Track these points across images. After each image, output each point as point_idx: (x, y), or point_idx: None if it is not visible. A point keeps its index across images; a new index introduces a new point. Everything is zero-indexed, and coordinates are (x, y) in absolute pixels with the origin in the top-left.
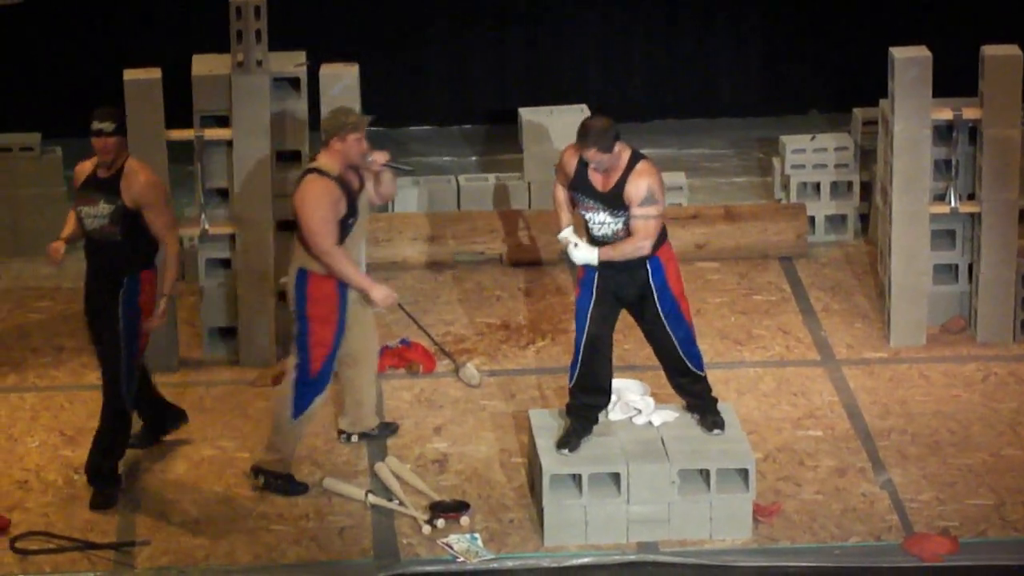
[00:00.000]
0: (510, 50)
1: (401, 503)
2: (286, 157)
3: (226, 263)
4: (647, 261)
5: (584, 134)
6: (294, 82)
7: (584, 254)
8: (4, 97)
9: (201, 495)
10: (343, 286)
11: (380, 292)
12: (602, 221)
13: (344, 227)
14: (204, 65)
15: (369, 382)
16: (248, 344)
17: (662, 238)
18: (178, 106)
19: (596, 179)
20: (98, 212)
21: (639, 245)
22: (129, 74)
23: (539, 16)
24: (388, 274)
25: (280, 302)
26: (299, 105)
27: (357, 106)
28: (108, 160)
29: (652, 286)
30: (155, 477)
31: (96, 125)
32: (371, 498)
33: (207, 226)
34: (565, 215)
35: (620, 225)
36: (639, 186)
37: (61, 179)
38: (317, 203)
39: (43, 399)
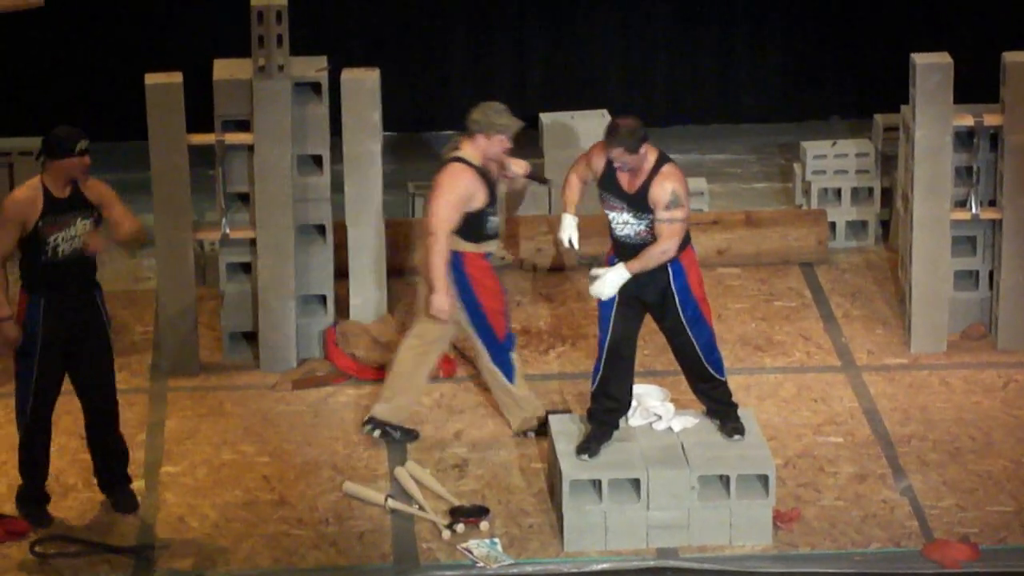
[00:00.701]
0: (531, 55)
1: (421, 508)
2: (307, 162)
3: (247, 267)
4: (669, 264)
5: (612, 133)
6: (315, 87)
7: (613, 278)
8: (26, 101)
9: (221, 499)
10: (490, 258)
11: (440, 300)
12: (625, 221)
13: (483, 216)
14: (225, 69)
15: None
16: (269, 348)
17: (685, 242)
18: (199, 111)
19: (623, 179)
20: (75, 232)
21: (664, 248)
22: (150, 78)
23: (560, 21)
24: (409, 279)
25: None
26: (320, 110)
27: (378, 112)
28: (84, 179)
29: (673, 289)
30: (175, 481)
31: (84, 144)
32: (391, 503)
33: (228, 230)
34: (572, 198)
35: (643, 226)
36: (664, 188)
37: None
38: (449, 189)
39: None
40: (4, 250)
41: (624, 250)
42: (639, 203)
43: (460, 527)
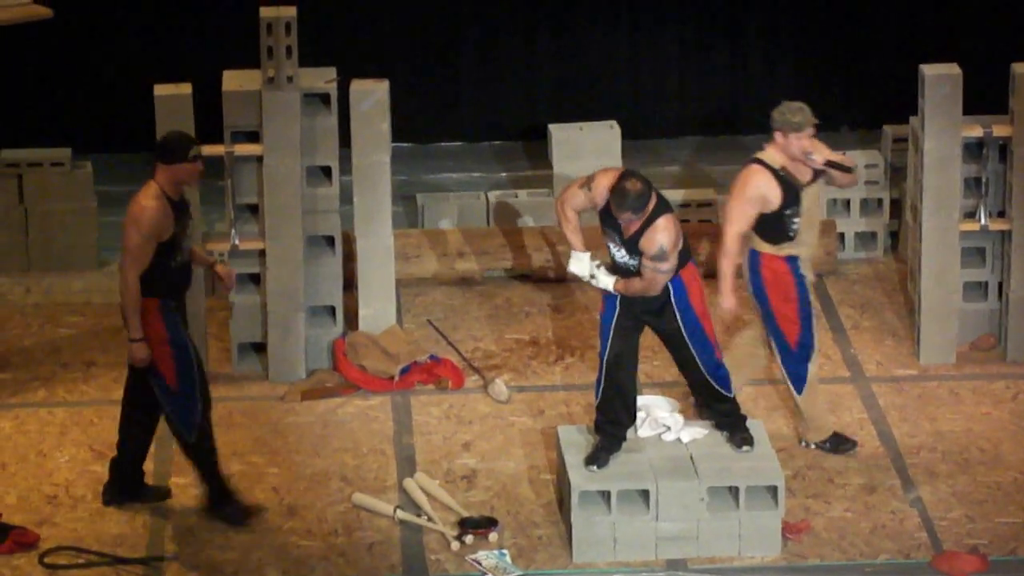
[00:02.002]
0: (540, 66)
1: (430, 519)
2: (316, 173)
3: (256, 278)
4: (669, 281)
5: (622, 200)
6: (324, 98)
7: (604, 281)
8: (35, 112)
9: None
10: (793, 262)
11: (725, 301)
12: (622, 256)
13: (781, 218)
14: (235, 81)
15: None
16: (278, 359)
17: (685, 258)
18: (209, 122)
19: (621, 222)
20: (189, 232)
21: (644, 288)
22: (160, 89)
23: (569, 32)
24: (417, 289)
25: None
26: (329, 121)
27: (387, 123)
28: (195, 184)
29: (673, 304)
30: (184, 492)
31: (197, 151)
32: (400, 514)
33: (237, 241)
34: (578, 236)
35: (636, 262)
36: (653, 242)
37: (92, 194)
38: (743, 189)
39: (73, 414)
40: (144, 264)
41: (619, 272)
42: (632, 246)
43: (469, 538)
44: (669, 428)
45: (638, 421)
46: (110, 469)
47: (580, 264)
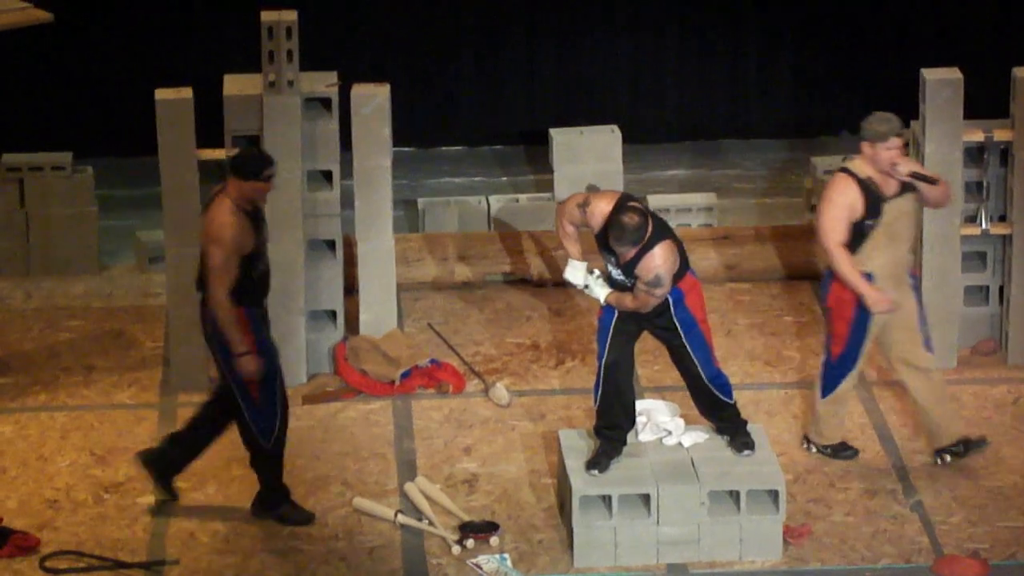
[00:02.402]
0: (541, 71)
1: (431, 523)
2: (317, 177)
3: None
4: (668, 293)
5: (620, 235)
6: (326, 102)
7: (597, 292)
8: (36, 116)
9: (231, 514)
10: (870, 275)
11: (872, 296)
12: (618, 274)
13: (861, 228)
14: (235, 85)
15: (927, 391)
16: None
17: (683, 269)
18: (209, 126)
19: (619, 252)
20: (266, 240)
21: (637, 307)
22: (160, 94)
23: (570, 36)
24: (418, 294)
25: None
26: (330, 125)
27: (388, 127)
28: (263, 203)
29: (672, 312)
30: (185, 496)
31: (271, 171)
32: (400, 518)
33: None
34: (576, 246)
35: (633, 282)
36: (649, 269)
37: (92, 198)
38: (831, 198)
39: (73, 418)
40: (232, 281)
41: (615, 285)
42: (628, 269)
43: (470, 542)
44: (670, 432)
45: (639, 425)
46: (164, 441)
47: (575, 273)
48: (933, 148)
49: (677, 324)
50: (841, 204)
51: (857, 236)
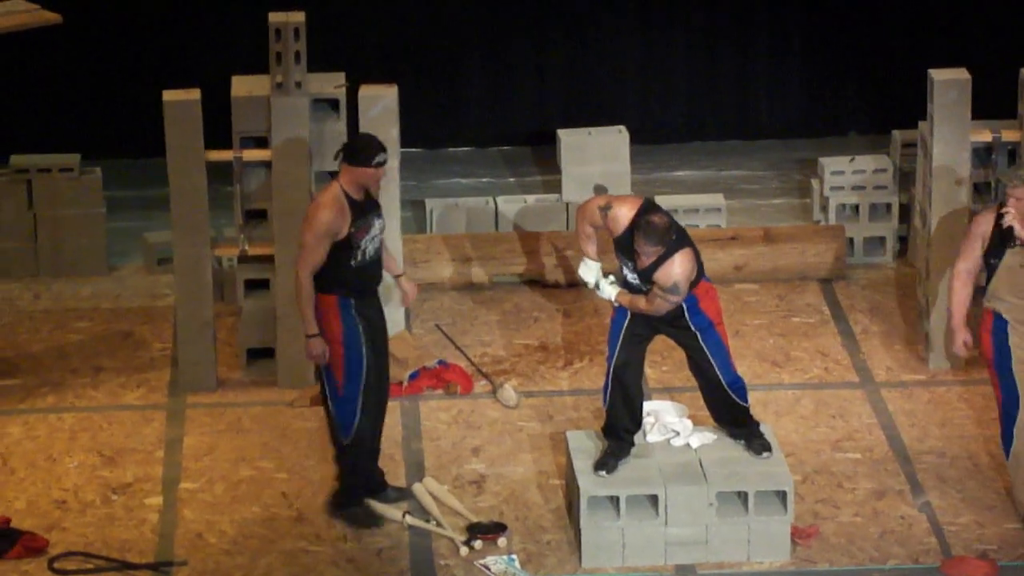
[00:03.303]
0: (549, 72)
1: (439, 524)
2: (325, 178)
3: (265, 284)
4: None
5: (650, 234)
6: (333, 103)
7: (608, 292)
8: (44, 118)
9: (239, 515)
10: (998, 320)
11: (957, 340)
12: (634, 279)
13: (986, 262)
14: (243, 86)
15: None
16: (286, 365)
17: (698, 277)
18: (217, 127)
19: (644, 254)
20: (374, 233)
21: (649, 311)
22: (168, 95)
23: (578, 38)
24: (426, 295)
25: None
26: (338, 126)
27: (396, 128)
28: (376, 190)
29: (687, 316)
30: (193, 497)
31: (382, 158)
32: (408, 519)
33: (246, 247)
34: (592, 247)
35: (648, 289)
36: (668, 276)
37: (101, 199)
38: (971, 226)
39: (81, 419)
40: (318, 262)
41: (629, 289)
42: (645, 275)
43: (478, 543)
44: (678, 433)
45: (647, 426)
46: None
47: (589, 272)
48: (941, 148)
49: (692, 325)
50: (976, 232)
51: (985, 271)
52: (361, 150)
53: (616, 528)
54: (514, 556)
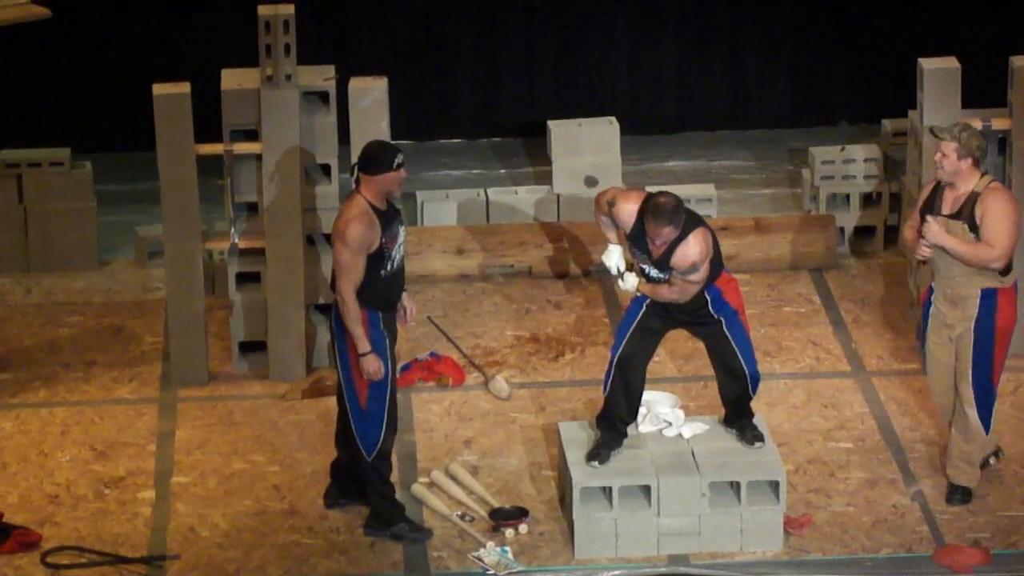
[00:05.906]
0: (539, 63)
1: (463, 516)
2: (315, 171)
3: (256, 277)
4: (705, 291)
5: (660, 214)
6: (323, 96)
7: (629, 281)
8: (34, 112)
9: (231, 509)
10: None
11: None
12: (653, 271)
13: None
14: (233, 79)
15: None
16: (278, 358)
17: (716, 271)
18: (207, 120)
19: (650, 241)
20: (401, 241)
21: (674, 296)
22: (158, 88)
23: (569, 28)
24: (418, 287)
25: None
26: (328, 119)
27: (386, 121)
28: (399, 192)
29: (711, 306)
30: (185, 491)
31: (400, 159)
32: (455, 518)
33: (237, 240)
34: (611, 232)
35: (666, 276)
36: (685, 258)
37: (91, 194)
38: (1007, 215)
39: (74, 414)
40: (358, 278)
41: (650, 281)
42: (663, 264)
43: (510, 532)
44: (670, 424)
45: (639, 417)
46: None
47: (610, 256)
48: (931, 137)
49: (716, 313)
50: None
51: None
52: (379, 156)
53: (609, 519)
54: (507, 547)
